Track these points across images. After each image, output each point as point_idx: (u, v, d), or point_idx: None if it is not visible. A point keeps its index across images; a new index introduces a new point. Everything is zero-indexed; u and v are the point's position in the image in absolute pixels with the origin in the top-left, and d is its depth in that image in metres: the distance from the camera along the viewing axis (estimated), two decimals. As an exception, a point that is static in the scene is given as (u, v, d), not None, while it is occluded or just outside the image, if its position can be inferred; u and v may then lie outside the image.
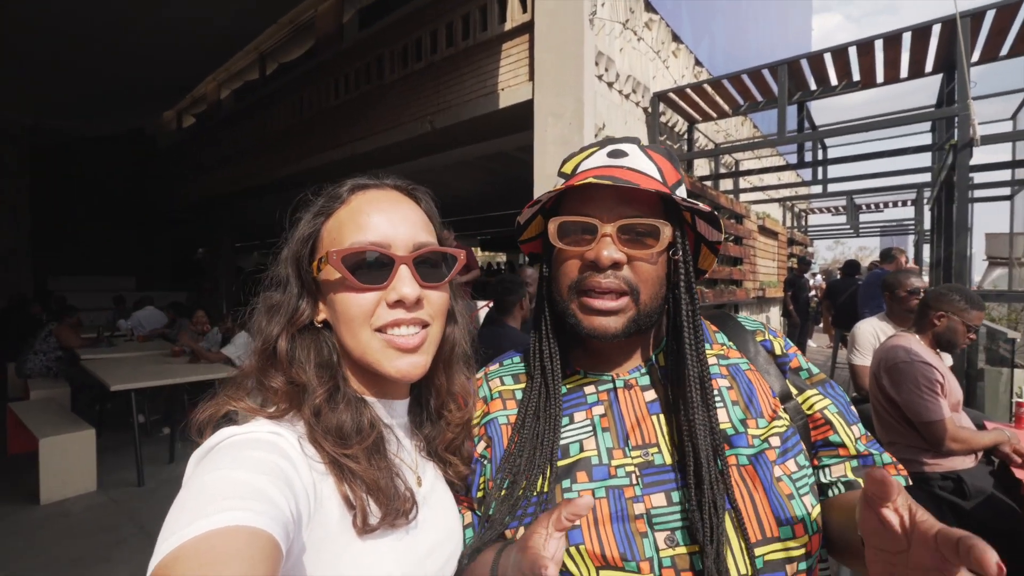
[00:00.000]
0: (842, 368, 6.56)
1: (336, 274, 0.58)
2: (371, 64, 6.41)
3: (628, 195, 0.64)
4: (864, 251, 42.96)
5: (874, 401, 2.34)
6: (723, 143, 7.31)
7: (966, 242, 3.78)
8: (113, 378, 4.06)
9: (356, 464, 0.55)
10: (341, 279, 0.58)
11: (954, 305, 2.17)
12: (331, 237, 0.60)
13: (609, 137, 0.77)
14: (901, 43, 4.16)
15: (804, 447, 0.66)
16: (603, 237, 0.62)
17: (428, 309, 0.61)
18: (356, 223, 0.59)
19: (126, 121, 12.04)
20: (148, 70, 8.77)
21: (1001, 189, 6.59)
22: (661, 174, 0.67)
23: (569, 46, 4.19)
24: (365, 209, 0.60)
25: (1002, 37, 3.91)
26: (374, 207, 0.60)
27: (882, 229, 15.47)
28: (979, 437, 2.09)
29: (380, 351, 0.58)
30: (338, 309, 0.59)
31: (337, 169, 7.36)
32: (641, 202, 0.65)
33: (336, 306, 0.59)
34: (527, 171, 4.67)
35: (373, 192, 0.63)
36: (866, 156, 5.73)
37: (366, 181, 0.64)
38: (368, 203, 0.61)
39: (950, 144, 3.97)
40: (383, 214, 0.60)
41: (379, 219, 0.59)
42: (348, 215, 0.60)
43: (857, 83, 4.91)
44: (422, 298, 0.60)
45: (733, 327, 0.76)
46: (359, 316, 0.58)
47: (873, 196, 10.35)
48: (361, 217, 0.59)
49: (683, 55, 6.08)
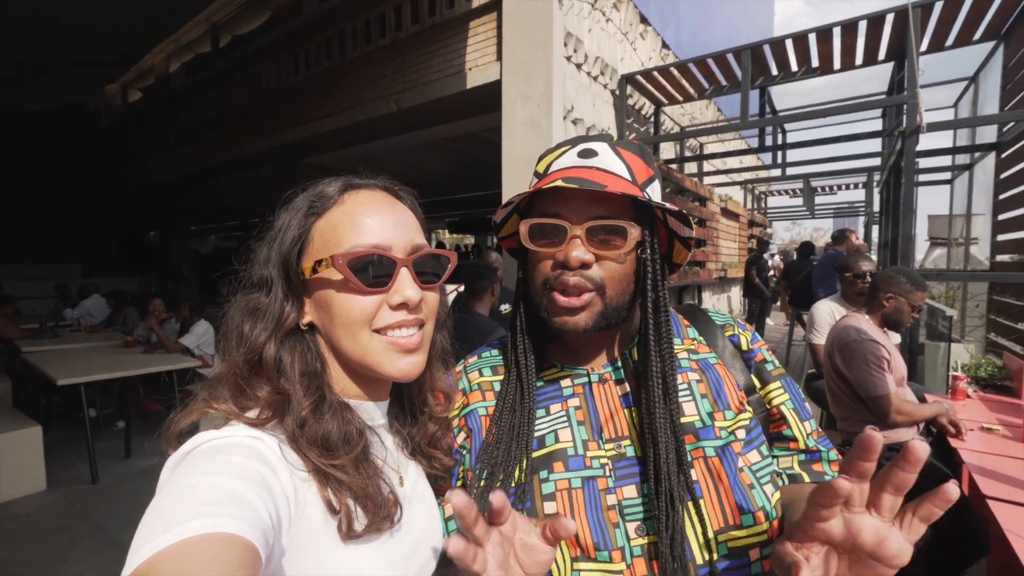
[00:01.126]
0: (797, 345, 6.88)
1: (335, 276, 0.57)
2: (332, 39, 6.15)
3: (597, 196, 0.65)
4: (819, 231, 44.84)
5: (827, 378, 2.47)
6: (688, 126, 7.42)
7: (911, 224, 3.99)
8: (60, 371, 3.85)
9: (344, 474, 0.54)
10: (341, 281, 0.57)
11: (901, 287, 2.30)
12: (325, 239, 0.59)
13: (581, 136, 0.77)
14: (857, 30, 4.29)
15: (765, 438, 0.69)
16: (572, 239, 0.64)
17: (424, 310, 0.62)
18: (354, 225, 0.58)
19: (64, 95, 11.16)
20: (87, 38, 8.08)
21: (943, 174, 6.97)
22: (631, 172, 0.67)
23: (538, 26, 4.13)
24: (362, 211, 0.60)
25: (949, 27, 4.09)
26: (370, 209, 0.60)
27: (835, 211, 16.19)
28: (921, 410, 2.24)
29: (382, 353, 0.58)
30: (335, 312, 0.58)
31: (300, 148, 7.10)
32: (610, 202, 0.65)
33: (333, 308, 0.58)
34: (495, 152, 4.61)
35: (366, 193, 0.62)
36: (822, 141, 5.94)
37: (357, 181, 0.63)
38: (363, 205, 0.60)
39: (899, 131, 4.15)
40: (380, 217, 0.60)
41: (377, 221, 0.59)
42: (343, 216, 0.59)
43: (816, 69, 5.05)
44: (421, 299, 0.60)
45: (704, 321, 0.78)
46: (361, 318, 0.58)
47: (828, 179, 10.78)
48: (359, 219, 0.59)
49: (650, 37, 6.08)
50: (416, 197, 0.69)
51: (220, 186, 10.17)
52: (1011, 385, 3.12)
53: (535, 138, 4.14)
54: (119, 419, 4.75)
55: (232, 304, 0.61)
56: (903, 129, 3.91)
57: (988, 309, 5.04)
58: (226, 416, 0.54)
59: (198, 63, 9.69)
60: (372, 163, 4.67)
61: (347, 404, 0.61)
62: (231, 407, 0.54)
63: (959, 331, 5.71)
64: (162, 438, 0.54)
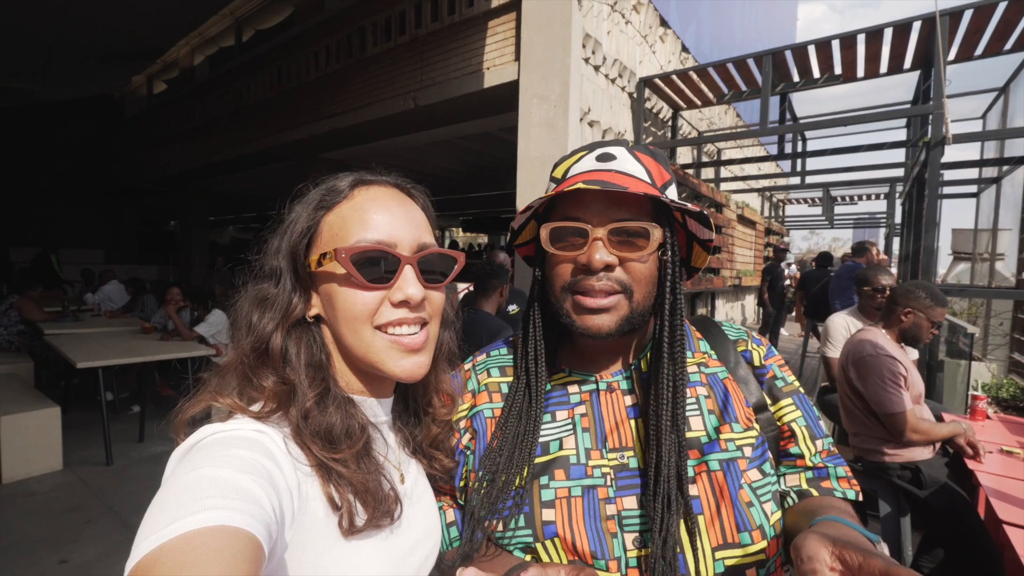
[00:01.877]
0: (811, 357, 6.78)
1: (339, 270, 0.57)
2: (352, 36, 6.19)
3: (618, 198, 0.65)
4: (838, 242, 43.93)
5: (841, 393, 2.42)
6: (706, 131, 7.34)
7: (934, 237, 3.90)
8: (79, 354, 3.94)
9: (345, 468, 0.55)
10: (345, 275, 0.57)
11: (920, 302, 2.25)
12: (332, 232, 0.59)
13: (598, 141, 0.77)
14: (883, 38, 4.20)
15: (771, 456, 0.68)
16: (594, 241, 0.63)
17: (428, 309, 0.62)
18: (362, 220, 0.58)
19: (91, 86, 11.40)
20: (116, 31, 8.26)
21: (968, 187, 6.81)
22: (650, 175, 0.67)
23: (556, 27, 4.12)
24: (370, 207, 0.60)
25: (978, 36, 3.99)
26: (379, 205, 0.60)
27: (855, 221, 15.88)
28: (937, 429, 2.19)
29: (384, 351, 0.58)
30: (338, 306, 0.58)
31: (317, 143, 7.17)
32: (631, 204, 0.65)
33: (336, 302, 0.58)
34: (510, 152, 4.61)
35: (376, 189, 0.62)
36: (844, 150, 5.84)
37: (369, 176, 0.63)
38: (373, 200, 0.60)
39: (923, 141, 4.06)
40: (388, 213, 0.60)
41: (384, 218, 0.59)
42: (352, 211, 0.59)
43: (839, 76, 4.96)
44: (424, 298, 0.60)
45: (716, 335, 0.77)
46: (362, 314, 0.58)
47: (848, 189, 10.58)
48: (366, 214, 0.59)
49: (670, 40, 6.03)
50: (428, 196, 0.69)
51: (239, 178, 10.32)
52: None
53: (551, 139, 4.13)
54: (135, 403, 4.85)
55: (242, 294, 0.62)
56: (928, 140, 3.82)
57: (1013, 328, 4.91)
58: (230, 410, 0.54)
59: (221, 57, 9.85)
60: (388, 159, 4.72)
61: (351, 399, 0.61)
62: (235, 401, 0.55)
63: (981, 349, 5.57)
64: (170, 425, 0.55)
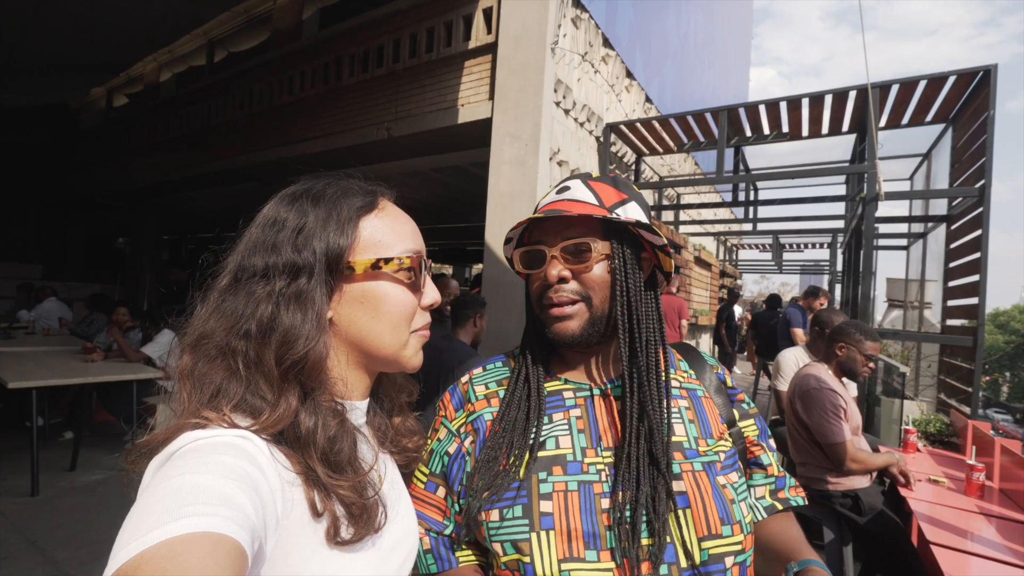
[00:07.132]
0: (762, 394, 7.05)
1: (390, 275, 0.61)
2: (329, 65, 6.28)
3: (568, 221, 0.75)
4: (786, 286, 46.46)
5: (788, 424, 2.57)
6: (667, 177, 7.77)
7: (871, 285, 4.24)
8: (10, 373, 3.66)
9: (343, 492, 0.54)
10: (396, 280, 0.62)
11: (852, 337, 2.44)
12: (375, 238, 0.61)
13: (566, 177, 0.87)
14: (824, 103, 4.65)
15: (741, 466, 0.79)
16: (551, 259, 0.74)
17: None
18: (401, 230, 0.64)
19: (48, 94, 10.96)
20: (80, 44, 8.04)
21: (900, 240, 7.43)
22: (599, 199, 0.76)
23: (530, 71, 4.35)
24: (402, 217, 0.66)
25: (904, 107, 4.48)
26: (406, 217, 0.66)
27: (802, 267, 16.89)
28: (874, 459, 2.34)
29: (414, 348, 0.65)
30: (385, 308, 0.61)
31: (286, 166, 7.11)
32: (579, 225, 0.75)
33: (383, 305, 0.61)
34: (480, 186, 4.73)
35: (392, 202, 0.68)
36: (791, 200, 6.31)
37: (384, 188, 0.69)
38: (400, 212, 0.67)
39: (860, 196, 4.45)
40: (413, 225, 0.66)
41: (414, 229, 0.66)
42: (393, 220, 0.64)
43: (786, 134, 5.42)
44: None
45: (695, 357, 0.88)
46: (408, 316, 0.63)
47: (796, 237, 11.31)
48: (404, 225, 0.65)
49: (635, 91, 6.44)
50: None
51: (202, 196, 10.03)
52: (957, 442, 3.29)
53: (521, 176, 4.28)
54: (67, 429, 4.51)
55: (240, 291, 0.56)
56: (864, 196, 4.20)
57: (939, 370, 5.31)
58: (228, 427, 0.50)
59: (190, 75, 9.71)
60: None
61: (341, 408, 0.60)
62: (229, 415, 0.51)
63: (913, 389, 5.97)
64: (129, 453, 0.51)
